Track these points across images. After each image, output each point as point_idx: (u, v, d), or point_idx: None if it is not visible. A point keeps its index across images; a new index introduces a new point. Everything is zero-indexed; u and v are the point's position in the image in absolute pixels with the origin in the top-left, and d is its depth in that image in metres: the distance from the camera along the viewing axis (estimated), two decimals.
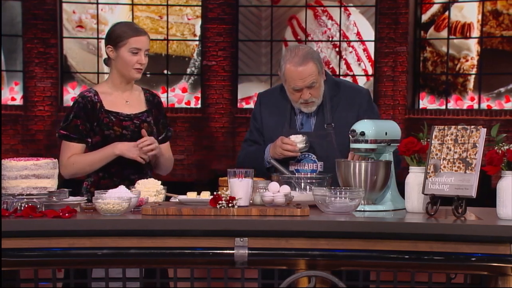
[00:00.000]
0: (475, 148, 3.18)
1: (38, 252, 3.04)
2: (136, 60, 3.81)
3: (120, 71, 3.85)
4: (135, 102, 3.91)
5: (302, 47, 3.80)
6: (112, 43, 3.82)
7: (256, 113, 3.97)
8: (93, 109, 3.83)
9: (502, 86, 11.91)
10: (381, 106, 12.19)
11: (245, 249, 3.04)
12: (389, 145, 3.50)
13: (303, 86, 3.72)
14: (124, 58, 3.81)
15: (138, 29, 3.88)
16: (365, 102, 3.87)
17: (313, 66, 3.72)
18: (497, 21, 11.88)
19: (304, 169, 3.79)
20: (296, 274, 3.07)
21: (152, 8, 12.75)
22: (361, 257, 3.07)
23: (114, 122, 3.82)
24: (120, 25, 3.90)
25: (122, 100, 3.89)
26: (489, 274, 3.11)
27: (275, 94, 3.96)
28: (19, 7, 12.24)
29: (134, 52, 3.81)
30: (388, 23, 12.31)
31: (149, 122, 3.89)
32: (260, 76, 12.81)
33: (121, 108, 3.86)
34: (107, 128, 3.81)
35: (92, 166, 3.80)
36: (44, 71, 12.29)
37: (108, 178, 3.81)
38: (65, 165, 3.81)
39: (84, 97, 3.86)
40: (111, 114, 3.83)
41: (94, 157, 3.79)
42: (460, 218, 3.17)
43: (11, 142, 12.19)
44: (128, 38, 3.80)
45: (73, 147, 3.82)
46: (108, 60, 3.89)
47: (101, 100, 3.85)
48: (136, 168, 3.84)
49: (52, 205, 3.22)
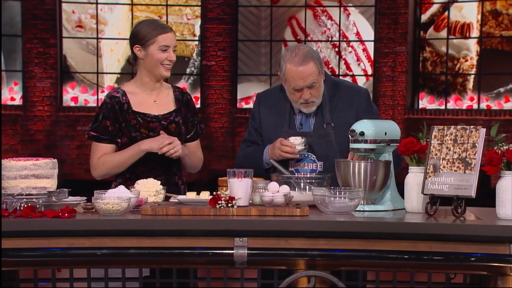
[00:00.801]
0: (474, 148, 3.18)
1: (38, 252, 3.04)
2: (166, 57, 3.80)
3: (150, 70, 3.82)
4: (164, 101, 3.88)
5: (302, 47, 3.80)
6: (140, 42, 3.79)
7: (255, 113, 3.97)
8: (121, 109, 3.81)
9: (502, 86, 11.91)
10: (381, 106, 12.19)
11: (245, 249, 3.04)
12: (389, 145, 3.50)
13: (303, 86, 3.72)
14: (154, 56, 3.78)
15: (164, 26, 3.86)
16: (364, 102, 3.87)
17: (314, 66, 3.72)
18: (497, 21, 11.88)
19: (304, 169, 3.79)
20: (296, 274, 3.07)
21: (152, 8, 12.75)
22: (360, 257, 3.07)
23: (141, 124, 3.80)
24: (145, 23, 3.86)
25: (150, 100, 3.86)
26: (489, 274, 3.11)
27: (274, 94, 3.96)
28: (19, 7, 12.24)
29: (164, 49, 3.79)
30: (388, 23, 12.31)
31: (177, 122, 3.86)
32: (260, 76, 12.81)
33: (149, 109, 3.84)
34: (134, 130, 3.80)
35: (122, 165, 3.78)
36: (43, 71, 12.29)
37: (135, 179, 3.75)
38: (95, 165, 3.80)
39: (113, 98, 3.83)
40: (138, 115, 3.81)
41: (122, 156, 3.77)
42: (459, 218, 3.17)
43: (10, 142, 12.19)
44: (157, 36, 3.78)
45: (103, 148, 3.80)
46: (134, 60, 3.86)
47: (128, 100, 3.83)
48: (163, 169, 3.82)
49: (52, 205, 3.22)
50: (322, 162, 3.79)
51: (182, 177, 3.94)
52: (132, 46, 3.83)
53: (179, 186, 3.88)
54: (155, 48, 3.78)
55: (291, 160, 3.80)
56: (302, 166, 3.80)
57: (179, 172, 3.92)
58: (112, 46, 12.69)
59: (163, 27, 3.83)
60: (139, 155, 3.75)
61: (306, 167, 3.80)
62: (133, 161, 3.77)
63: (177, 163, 3.90)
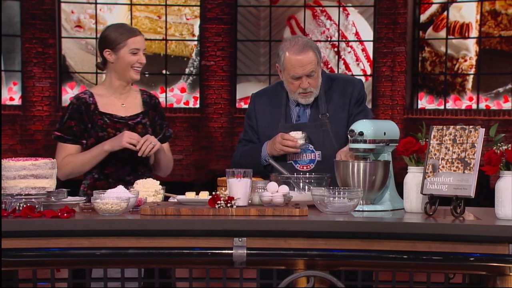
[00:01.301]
0: (473, 148, 3.18)
1: (37, 252, 3.04)
2: (136, 59, 3.84)
3: (120, 73, 3.87)
4: (131, 104, 3.93)
5: (301, 37, 3.86)
6: (110, 46, 3.84)
7: (251, 112, 3.98)
8: (87, 110, 3.85)
9: (501, 86, 11.91)
10: (380, 106, 12.19)
11: (244, 249, 3.04)
12: (388, 145, 3.50)
13: (302, 74, 3.74)
14: (125, 59, 3.83)
15: (133, 29, 3.92)
16: (357, 91, 3.89)
17: (313, 55, 3.75)
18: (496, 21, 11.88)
19: (303, 160, 3.81)
20: (295, 274, 3.07)
21: (151, 8, 12.75)
22: (359, 257, 3.07)
23: (108, 124, 3.84)
24: (113, 27, 3.91)
25: (118, 103, 3.91)
26: (488, 274, 3.11)
27: (268, 93, 3.99)
28: (18, 7, 12.24)
29: (134, 52, 3.84)
30: (387, 23, 12.32)
31: (144, 123, 3.91)
32: (259, 76, 12.81)
33: (116, 111, 3.89)
34: (101, 130, 3.83)
35: (85, 166, 3.82)
36: (42, 71, 12.29)
37: (104, 179, 3.83)
38: (59, 166, 3.79)
39: (79, 99, 3.89)
40: (105, 116, 3.86)
41: (86, 156, 3.82)
42: (458, 218, 3.17)
43: (9, 142, 12.18)
44: (127, 39, 3.83)
45: (68, 148, 3.85)
46: (104, 64, 3.90)
47: (96, 101, 3.88)
48: (132, 168, 3.85)
49: (51, 205, 3.22)
50: (320, 152, 3.81)
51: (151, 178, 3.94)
52: (101, 50, 3.88)
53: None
54: (125, 51, 3.83)
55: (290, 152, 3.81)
56: (301, 157, 3.81)
57: (147, 173, 3.94)
58: None
59: (132, 30, 3.89)
60: (102, 156, 3.79)
61: (305, 157, 3.81)
62: (97, 161, 3.81)
63: (145, 163, 3.92)
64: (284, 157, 3.80)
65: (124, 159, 3.82)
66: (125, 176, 3.80)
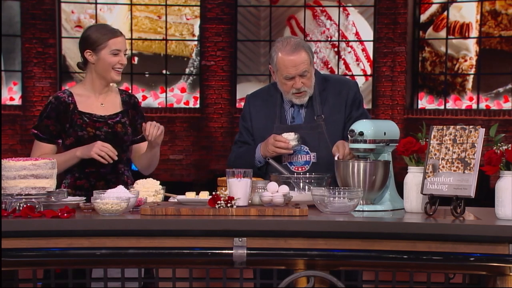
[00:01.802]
0: (473, 148, 3.18)
1: (37, 252, 3.04)
2: (117, 60, 3.84)
3: (100, 74, 3.87)
4: (110, 104, 3.94)
5: (293, 37, 3.86)
6: (91, 47, 3.84)
7: (246, 114, 3.98)
8: (66, 110, 3.86)
9: (501, 86, 11.91)
10: (380, 106, 12.19)
11: (244, 249, 3.04)
12: (388, 145, 3.50)
13: (295, 74, 3.74)
14: (106, 60, 3.83)
15: (114, 30, 3.90)
16: (352, 93, 3.89)
17: (305, 55, 3.75)
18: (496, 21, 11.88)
19: (298, 161, 3.81)
20: (295, 274, 3.07)
21: (151, 8, 12.75)
22: (359, 257, 3.07)
23: (88, 123, 3.85)
24: (95, 28, 3.92)
25: (97, 102, 3.91)
26: (488, 274, 3.11)
27: (263, 93, 3.99)
28: (18, 7, 12.24)
29: (115, 53, 3.84)
30: (387, 23, 12.32)
31: (123, 123, 3.91)
32: (259, 76, 12.81)
33: (96, 110, 3.89)
34: (81, 129, 3.84)
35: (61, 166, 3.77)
36: (42, 71, 12.29)
37: (84, 178, 3.84)
38: None
39: (57, 98, 3.89)
40: (84, 115, 3.86)
41: (59, 159, 3.79)
42: (458, 218, 3.17)
43: (9, 142, 12.18)
44: (107, 40, 3.83)
45: (43, 147, 3.88)
46: (84, 64, 3.91)
47: (75, 101, 3.88)
48: (112, 168, 3.85)
49: (51, 205, 3.22)
50: (315, 153, 3.80)
51: (131, 176, 3.96)
52: (82, 51, 3.88)
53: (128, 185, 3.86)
54: (106, 52, 3.83)
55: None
56: (296, 158, 3.81)
57: (127, 172, 3.95)
58: None
59: (113, 31, 3.88)
60: (74, 161, 3.80)
61: (300, 159, 3.81)
62: (69, 165, 3.81)
63: (126, 162, 3.94)
64: (280, 158, 3.80)
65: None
66: (106, 175, 3.81)
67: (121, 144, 3.87)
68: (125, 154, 3.94)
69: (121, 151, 3.86)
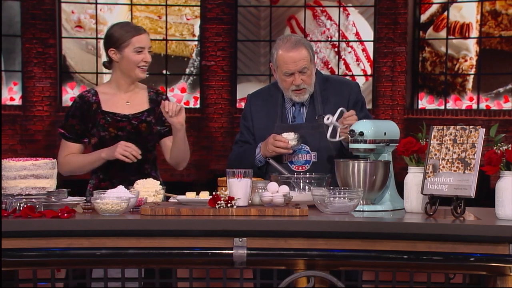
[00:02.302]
0: (474, 148, 3.18)
1: (37, 252, 3.04)
2: (141, 58, 3.81)
3: (125, 72, 3.84)
4: (137, 102, 3.90)
5: (294, 35, 3.89)
6: (115, 45, 3.81)
7: (247, 113, 3.98)
8: (89, 110, 3.84)
9: (501, 86, 11.91)
10: (380, 106, 12.19)
11: (244, 249, 3.04)
12: (388, 145, 3.50)
13: (295, 70, 3.75)
14: (129, 58, 3.80)
15: (138, 27, 3.88)
16: (354, 94, 3.90)
17: (306, 52, 3.77)
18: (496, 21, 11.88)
19: (298, 160, 3.81)
20: (295, 274, 3.07)
21: (151, 8, 12.75)
22: (359, 257, 3.07)
23: (110, 123, 3.83)
24: (118, 26, 3.88)
25: (123, 101, 3.88)
26: (488, 274, 3.11)
27: (264, 93, 4.00)
28: (18, 7, 12.24)
29: (139, 51, 3.81)
30: (387, 23, 12.31)
31: (148, 121, 3.87)
32: (259, 76, 12.81)
33: (120, 109, 3.86)
34: (103, 130, 3.82)
35: (82, 168, 3.85)
36: (43, 71, 12.29)
37: (108, 180, 3.81)
38: (61, 163, 3.84)
39: (82, 97, 3.88)
40: (107, 115, 3.84)
41: (85, 160, 3.84)
42: (459, 218, 3.17)
43: (9, 142, 12.18)
44: (131, 38, 3.80)
45: (70, 146, 3.87)
46: (110, 63, 3.88)
47: (99, 100, 3.86)
48: (137, 169, 3.82)
49: (51, 205, 3.22)
50: (315, 153, 3.81)
51: (158, 177, 3.92)
52: (106, 49, 3.86)
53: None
54: (130, 50, 3.81)
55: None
56: (296, 157, 3.81)
57: (154, 172, 3.92)
58: None
59: (136, 29, 3.86)
60: (100, 162, 3.80)
61: (300, 158, 3.81)
62: (94, 166, 3.82)
63: (152, 162, 3.90)
64: (280, 157, 3.80)
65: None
66: (130, 176, 3.74)
67: (145, 143, 3.83)
68: (151, 154, 3.90)
69: (146, 151, 3.83)
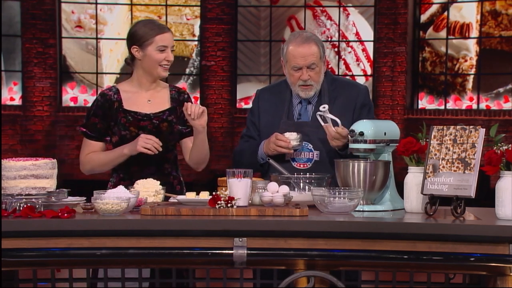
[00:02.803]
0: (474, 148, 3.18)
1: (37, 252, 3.04)
2: (164, 57, 3.79)
3: (147, 70, 3.81)
4: (158, 100, 3.86)
5: (306, 32, 3.90)
6: (138, 43, 3.78)
7: (254, 108, 3.99)
8: (110, 108, 3.81)
9: (501, 86, 11.91)
10: (380, 106, 12.18)
11: (244, 249, 3.04)
12: (388, 145, 3.50)
13: (303, 64, 3.76)
14: (152, 56, 3.77)
15: (162, 26, 3.85)
16: (362, 97, 3.90)
17: (315, 48, 3.77)
18: (496, 21, 11.88)
19: (301, 158, 3.81)
20: (295, 274, 3.07)
21: (151, 8, 12.75)
22: (359, 257, 3.07)
23: (131, 122, 3.79)
24: (142, 23, 3.84)
25: (144, 99, 3.85)
26: (488, 274, 3.11)
27: (273, 89, 4.01)
28: (18, 7, 12.24)
29: (161, 49, 3.78)
30: (387, 23, 12.31)
31: (170, 121, 3.84)
32: (259, 76, 12.80)
33: (141, 108, 3.82)
34: (124, 128, 3.79)
35: (105, 166, 3.82)
36: (43, 71, 12.29)
37: (128, 179, 3.76)
38: (83, 161, 3.85)
39: (103, 96, 3.84)
40: (129, 113, 3.80)
41: (107, 157, 3.80)
42: (459, 218, 3.17)
43: (9, 142, 12.18)
44: (154, 36, 3.77)
45: (92, 145, 3.83)
46: (132, 60, 3.84)
47: (121, 98, 3.82)
48: (157, 168, 3.81)
49: (51, 205, 3.22)
50: (318, 152, 3.81)
51: (178, 177, 3.91)
52: (129, 46, 3.82)
53: (174, 187, 3.83)
54: (153, 48, 3.77)
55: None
56: (299, 155, 3.82)
57: (174, 172, 3.90)
58: (112, 46, 12.69)
59: (160, 27, 3.82)
60: (122, 158, 3.76)
61: (302, 156, 3.82)
62: (117, 163, 3.79)
63: (172, 162, 3.88)
64: (283, 156, 3.80)
65: (148, 158, 3.75)
66: (149, 176, 3.64)
67: (166, 143, 3.80)
68: (171, 154, 3.88)
69: (166, 150, 3.81)
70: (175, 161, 3.91)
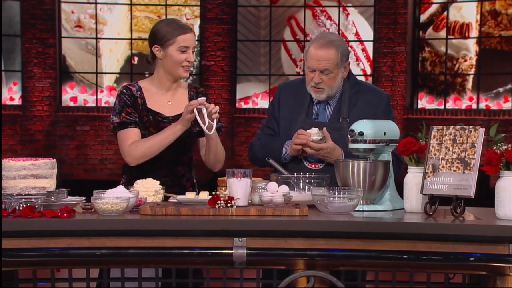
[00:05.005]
0: (473, 148, 3.18)
1: (37, 252, 3.04)
2: (185, 58, 3.74)
3: (168, 70, 3.78)
4: (177, 102, 3.83)
5: (332, 34, 3.88)
6: (159, 43, 3.74)
7: (275, 102, 3.99)
8: (136, 102, 3.77)
9: (501, 86, 11.91)
10: None
11: (244, 249, 3.04)
12: (388, 145, 3.50)
13: (316, 67, 3.75)
14: (173, 56, 3.74)
15: (184, 26, 3.81)
16: (383, 105, 3.87)
17: (334, 54, 3.75)
18: (496, 21, 11.88)
19: (313, 158, 3.80)
20: (295, 274, 3.07)
21: (151, 8, 12.75)
22: (359, 257, 3.07)
23: (151, 123, 3.76)
24: (164, 23, 3.81)
25: (165, 100, 3.82)
26: (488, 274, 3.12)
27: (295, 85, 3.99)
28: (18, 7, 12.24)
29: (183, 50, 3.74)
30: (387, 23, 12.32)
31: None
32: (259, 76, 12.81)
33: (162, 109, 3.79)
34: (144, 128, 3.76)
35: (155, 147, 3.67)
36: (42, 71, 12.29)
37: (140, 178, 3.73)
38: (128, 151, 3.70)
39: (128, 89, 3.78)
40: (151, 113, 3.77)
41: (156, 137, 3.69)
42: (458, 218, 3.17)
43: (9, 142, 12.18)
44: (177, 36, 3.73)
45: (131, 132, 3.71)
46: (153, 59, 3.81)
47: (144, 97, 3.79)
48: (169, 169, 3.78)
49: (51, 205, 3.22)
50: None
51: (192, 179, 3.88)
52: (151, 46, 3.78)
53: (186, 188, 3.78)
54: (174, 48, 3.73)
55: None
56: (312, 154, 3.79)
57: (188, 174, 3.87)
58: (111, 46, 12.70)
59: (183, 27, 3.78)
60: (176, 135, 3.66)
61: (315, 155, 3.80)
62: (169, 141, 3.66)
63: (187, 164, 3.86)
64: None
65: (161, 159, 3.73)
66: (161, 177, 3.59)
67: (182, 146, 3.77)
68: (185, 156, 3.84)
69: (180, 153, 3.78)
70: (190, 163, 3.88)
